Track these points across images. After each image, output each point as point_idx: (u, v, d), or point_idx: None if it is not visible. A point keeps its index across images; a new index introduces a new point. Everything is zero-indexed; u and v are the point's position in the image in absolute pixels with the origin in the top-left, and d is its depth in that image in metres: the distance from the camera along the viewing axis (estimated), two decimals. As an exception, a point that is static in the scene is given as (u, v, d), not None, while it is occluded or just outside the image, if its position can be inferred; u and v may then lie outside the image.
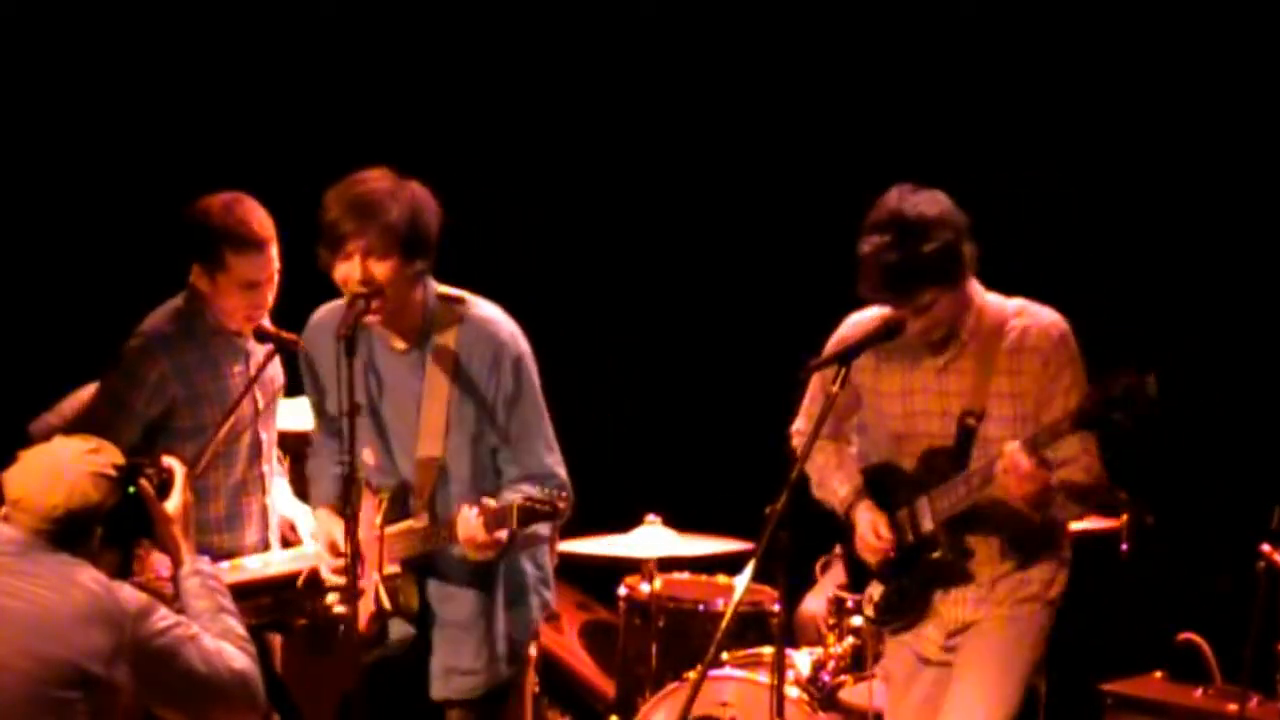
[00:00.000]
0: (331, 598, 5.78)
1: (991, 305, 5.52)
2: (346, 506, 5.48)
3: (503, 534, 5.45)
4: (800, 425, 5.88)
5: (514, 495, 5.50)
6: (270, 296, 6.17)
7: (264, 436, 6.34)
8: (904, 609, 5.66)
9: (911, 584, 5.63)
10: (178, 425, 6.16)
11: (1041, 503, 5.35)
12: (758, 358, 8.06)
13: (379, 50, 8.38)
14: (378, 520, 5.73)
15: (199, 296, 6.20)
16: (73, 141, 8.05)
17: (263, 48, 8.27)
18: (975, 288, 5.51)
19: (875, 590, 5.72)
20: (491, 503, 5.47)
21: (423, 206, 5.61)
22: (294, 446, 6.82)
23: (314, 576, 5.90)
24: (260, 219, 6.14)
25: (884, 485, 5.67)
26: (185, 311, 6.23)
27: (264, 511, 6.35)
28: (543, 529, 5.67)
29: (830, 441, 5.80)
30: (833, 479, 5.79)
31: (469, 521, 5.49)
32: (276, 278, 6.16)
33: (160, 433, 6.13)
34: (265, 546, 6.34)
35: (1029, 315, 5.52)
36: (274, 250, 6.14)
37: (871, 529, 5.64)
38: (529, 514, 5.42)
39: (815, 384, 5.78)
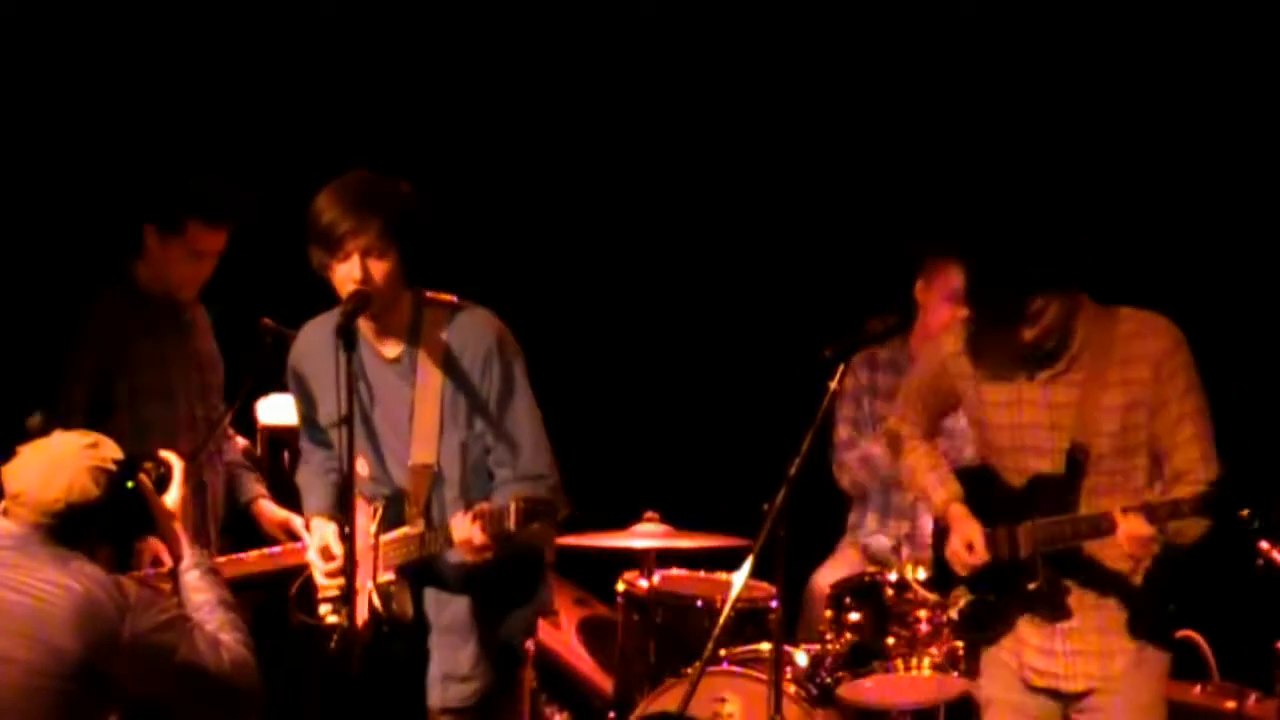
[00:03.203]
0: (325, 609, 5.77)
1: (1100, 316, 5.37)
2: (343, 514, 5.49)
3: (500, 536, 5.43)
4: (891, 421, 5.83)
5: (510, 496, 5.48)
6: (211, 271, 6.24)
7: (198, 412, 6.39)
8: (987, 623, 5.56)
9: (999, 603, 5.52)
10: (115, 395, 6.21)
11: (1147, 557, 5.31)
12: (755, 356, 8.07)
13: (378, 50, 8.38)
14: (372, 529, 5.73)
15: (139, 264, 6.28)
16: (72, 143, 8.05)
17: (262, 48, 8.27)
18: (1084, 297, 5.35)
19: (961, 598, 5.61)
20: (487, 505, 5.46)
21: (414, 205, 5.62)
22: (291, 442, 6.83)
23: (305, 585, 5.89)
24: (228, 195, 6.22)
25: (983, 495, 5.54)
26: (130, 287, 6.30)
27: (203, 521, 6.37)
28: (539, 530, 5.64)
29: (922, 441, 5.71)
30: (926, 479, 5.66)
31: (464, 525, 5.49)
32: (219, 256, 6.25)
33: (100, 407, 6.14)
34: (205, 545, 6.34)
35: (1138, 323, 5.37)
36: (230, 229, 6.23)
37: (965, 542, 5.50)
38: (529, 513, 5.40)
39: (910, 382, 5.75)
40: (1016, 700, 5.52)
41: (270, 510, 6.60)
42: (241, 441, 6.94)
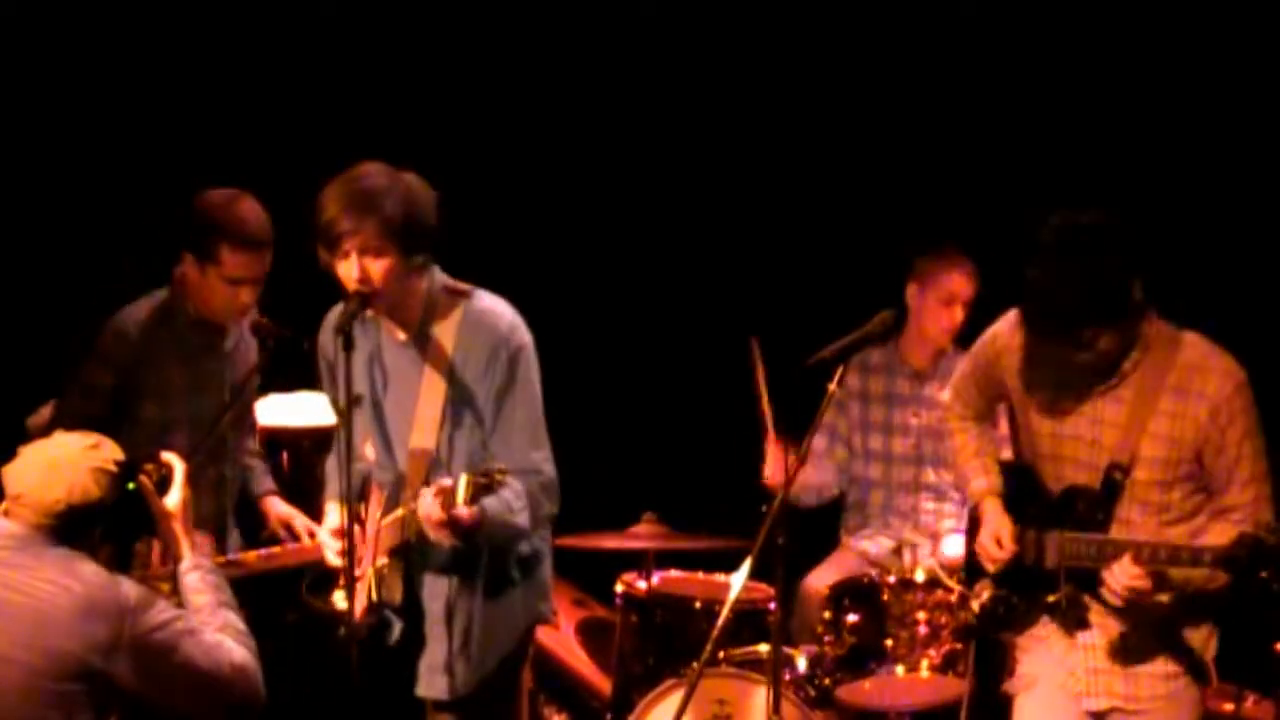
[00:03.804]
0: (339, 594, 5.78)
1: (1161, 335, 5.24)
2: (348, 499, 5.49)
3: (460, 512, 5.38)
4: (946, 394, 5.78)
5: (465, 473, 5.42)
6: (254, 297, 6.18)
7: (228, 441, 6.35)
8: (1009, 621, 5.49)
9: (1021, 604, 5.45)
10: (142, 415, 6.18)
11: (1136, 599, 5.21)
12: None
13: (379, 50, 8.38)
14: (378, 514, 5.74)
15: (182, 287, 6.22)
16: (73, 141, 8.05)
17: (263, 47, 8.27)
18: (1147, 316, 5.23)
19: (984, 592, 5.52)
20: (447, 481, 5.42)
21: (419, 199, 5.59)
22: (290, 442, 6.83)
23: (318, 575, 5.90)
24: (260, 219, 6.17)
25: (1021, 493, 5.47)
26: (165, 302, 6.25)
27: (222, 514, 6.35)
28: (517, 519, 5.59)
29: (974, 423, 5.64)
30: (968, 465, 5.61)
31: (425, 500, 5.47)
32: (263, 281, 6.18)
33: (124, 421, 6.12)
34: (221, 552, 6.33)
35: (1201, 356, 5.24)
36: (268, 255, 6.16)
37: (994, 538, 5.44)
38: (477, 489, 5.31)
39: (966, 363, 5.66)
40: (1052, 683, 5.45)
41: (276, 506, 6.57)
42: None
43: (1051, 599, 5.37)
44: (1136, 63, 7.87)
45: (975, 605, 5.55)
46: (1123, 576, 5.16)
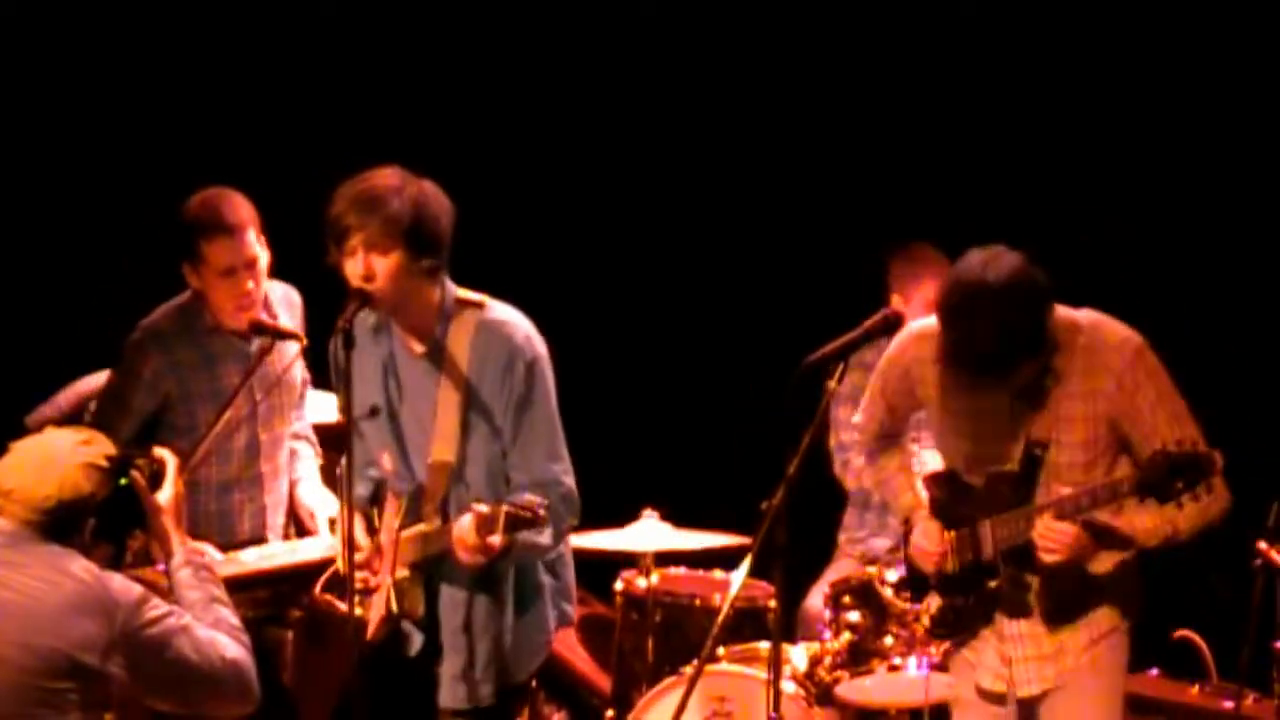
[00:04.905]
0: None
1: (1062, 323, 5.28)
2: (350, 504, 5.49)
3: (493, 539, 5.41)
4: (858, 418, 5.80)
5: (500, 503, 5.46)
6: (255, 285, 6.16)
7: (263, 436, 6.33)
8: (958, 627, 5.55)
9: (967, 605, 5.50)
10: (172, 420, 6.19)
11: (1087, 558, 5.29)
12: (757, 352, 8.07)
13: (379, 50, 8.39)
14: (396, 524, 5.73)
15: (198, 295, 6.23)
16: (72, 138, 8.07)
17: (265, 48, 8.29)
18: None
19: (933, 603, 5.58)
20: (484, 507, 5.44)
21: (430, 204, 5.60)
22: (325, 438, 6.82)
23: (335, 577, 5.90)
24: (232, 205, 6.16)
25: (952, 498, 5.52)
26: (186, 310, 6.26)
27: (261, 510, 6.33)
28: (541, 539, 5.62)
29: (889, 442, 5.70)
30: (892, 484, 5.68)
31: (462, 524, 5.49)
32: (261, 265, 6.16)
33: (155, 426, 6.16)
34: (260, 544, 6.33)
35: (1092, 335, 5.29)
36: (250, 236, 6.14)
37: (925, 535, 5.52)
38: (514, 521, 5.37)
39: (875, 382, 5.69)
40: (979, 702, 5.54)
41: (304, 497, 6.48)
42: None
43: (993, 585, 5.43)
44: (1135, 68, 7.88)
45: (925, 618, 5.63)
46: (1050, 531, 5.22)
